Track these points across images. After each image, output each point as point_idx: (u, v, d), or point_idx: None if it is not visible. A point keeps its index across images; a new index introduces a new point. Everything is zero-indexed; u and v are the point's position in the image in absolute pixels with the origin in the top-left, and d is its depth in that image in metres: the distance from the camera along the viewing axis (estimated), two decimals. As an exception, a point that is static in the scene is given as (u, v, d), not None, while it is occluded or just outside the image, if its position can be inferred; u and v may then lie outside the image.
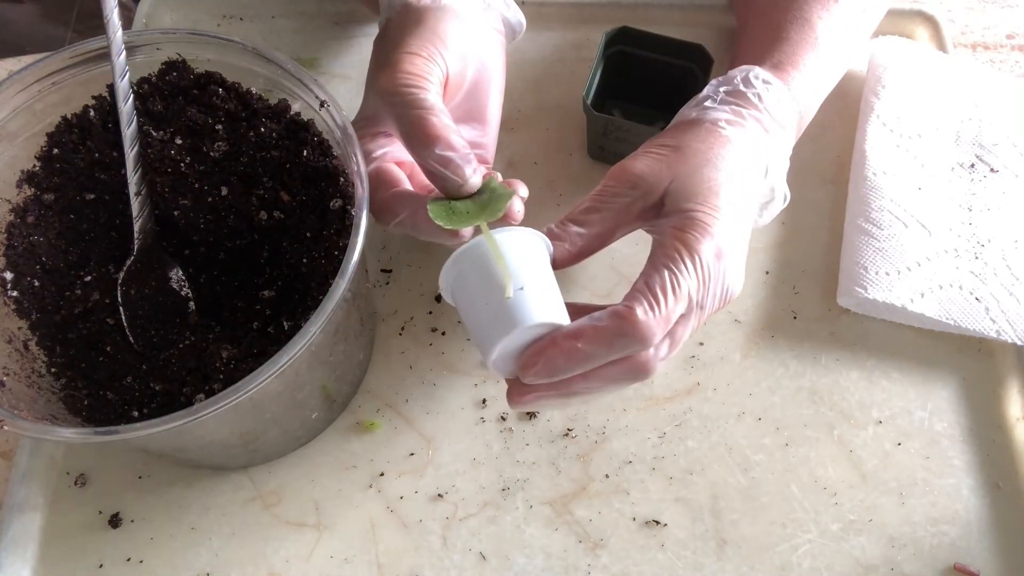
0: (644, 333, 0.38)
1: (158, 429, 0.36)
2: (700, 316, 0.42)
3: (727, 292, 0.43)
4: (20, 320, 0.45)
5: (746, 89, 0.47)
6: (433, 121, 0.41)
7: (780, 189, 0.47)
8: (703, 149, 0.44)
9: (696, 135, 0.45)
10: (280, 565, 0.47)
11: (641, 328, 0.38)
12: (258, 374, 0.36)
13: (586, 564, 0.47)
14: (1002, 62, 0.69)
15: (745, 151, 0.45)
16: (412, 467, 0.50)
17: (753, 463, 0.51)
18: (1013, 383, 0.53)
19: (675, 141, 0.45)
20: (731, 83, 0.48)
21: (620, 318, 0.38)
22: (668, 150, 0.45)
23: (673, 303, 0.39)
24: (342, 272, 0.39)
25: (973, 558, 0.48)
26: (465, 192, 0.42)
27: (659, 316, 0.39)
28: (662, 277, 0.40)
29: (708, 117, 0.46)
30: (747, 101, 0.47)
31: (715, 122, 0.46)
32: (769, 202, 0.48)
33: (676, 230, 0.41)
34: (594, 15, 0.68)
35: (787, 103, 0.48)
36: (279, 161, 0.46)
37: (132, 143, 0.44)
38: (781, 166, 0.48)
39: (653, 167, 0.44)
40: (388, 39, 0.46)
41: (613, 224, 0.44)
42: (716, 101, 0.47)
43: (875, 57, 0.63)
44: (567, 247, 0.43)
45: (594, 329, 0.38)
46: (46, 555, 0.48)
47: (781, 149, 0.48)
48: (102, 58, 0.45)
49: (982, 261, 0.54)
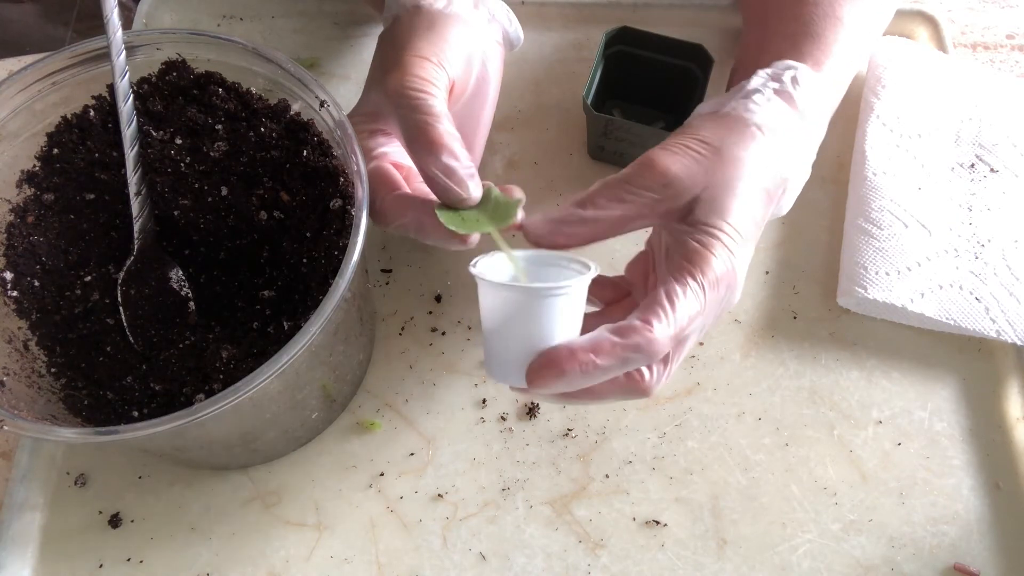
0: (658, 350, 0.38)
1: (158, 429, 0.36)
2: (702, 334, 0.43)
3: (729, 308, 0.43)
4: (20, 320, 0.45)
5: (793, 90, 0.46)
6: (440, 129, 0.41)
7: (801, 180, 0.47)
8: (744, 158, 0.42)
9: (740, 139, 0.43)
10: (280, 565, 0.47)
11: (657, 345, 0.37)
12: (258, 374, 0.36)
13: (586, 564, 0.47)
14: (1002, 62, 0.69)
15: (781, 161, 0.44)
16: (412, 467, 0.50)
17: (753, 463, 0.51)
18: (1013, 383, 0.53)
19: (717, 140, 0.43)
20: (780, 80, 0.46)
21: (637, 333, 0.37)
22: (708, 151, 0.42)
23: (685, 324, 0.39)
24: (342, 272, 0.39)
25: (973, 558, 0.48)
26: (467, 205, 0.41)
27: (671, 335, 0.38)
28: (683, 296, 0.39)
29: (755, 120, 0.44)
30: (793, 102, 0.45)
31: (761, 127, 0.44)
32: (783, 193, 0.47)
33: (701, 247, 0.40)
34: (594, 15, 0.68)
35: (823, 99, 0.47)
36: (279, 161, 0.46)
37: (132, 143, 0.44)
38: (809, 161, 0.47)
39: (690, 169, 0.42)
40: (397, 39, 0.46)
41: (634, 216, 0.42)
42: (766, 98, 0.45)
43: (875, 57, 0.63)
44: (582, 231, 0.42)
45: (612, 344, 0.37)
46: (46, 555, 0.48)
47: (813, 147, 0.47)
48: (102, 58, 0.45)
49: (982, 261, 0.54)
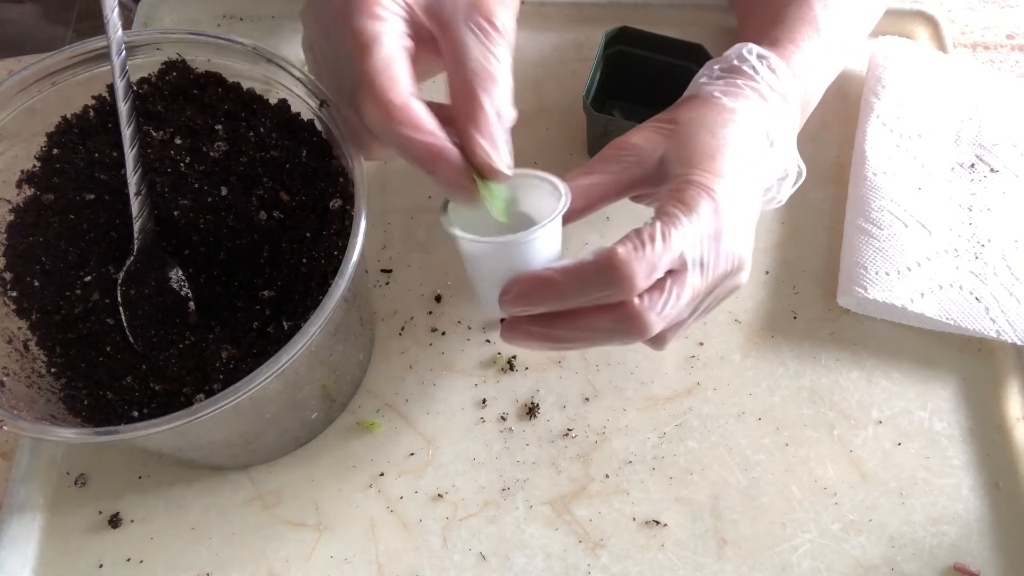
0: (623, 272, 0.37)
1: (158, 429, 0.36)
2: (704, 277, 0.40)
3: (733, 256, 0.41)
4: (20, 320, 0.45)
5: (740, 63, 0.47)
6: (506, 88, 0.37)
7: (793, 162, 0.47)
8: (697, 118, 0.44)
9: (691, 107, 0.45)
10: (280, 565, 0.47)
11: (620, 265, 0.37)
12: (258, 374, 0.36)
13: (586, 564, 0.47)
14: (1002, 62, 0.69)
15: (743, 118, 0.45)
16: (412, 467, 0.50)
17: (753, 463, 0.51)
18: (1013, 383, 0.53)
19: (671, 115, 0.45)
20: (726, 61, 0.48)
21: (600, 255, 0.37)
22: (664, 123, 0.45)
23: (661, 249, 0.38)
24: (341, 272, 0.39)
25: (973, 558, 0.48)
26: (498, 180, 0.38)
27: (641, 258, 0.37)
28: (652, 226, 0.39)
29: (703, 91, 0.46)
30: (743, 74, 0.47)
31: (710, 94, 0.46)
32: (784, 178, 0.48)
33: (672, 191, 0.41)
34: (594, 15, 0.68)
35: (786, 75, 0.47)
36: (279, 161, 0.46)
37: (132, 143, 0.44)
38: (788, 138, 0.47)
39: (649, 137, 0.44)
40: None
41: (610, 187, 0.43)
42: (711, 77, 0.47)
43: (875, 57, 0.63)
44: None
45: (574, 264, 0.38)
46: (46, 555, 0.48)
47: (785, 119, 0.47)
48: (102, 58, 0.45)
49: (982, 261, 0.54)
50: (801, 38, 0.50)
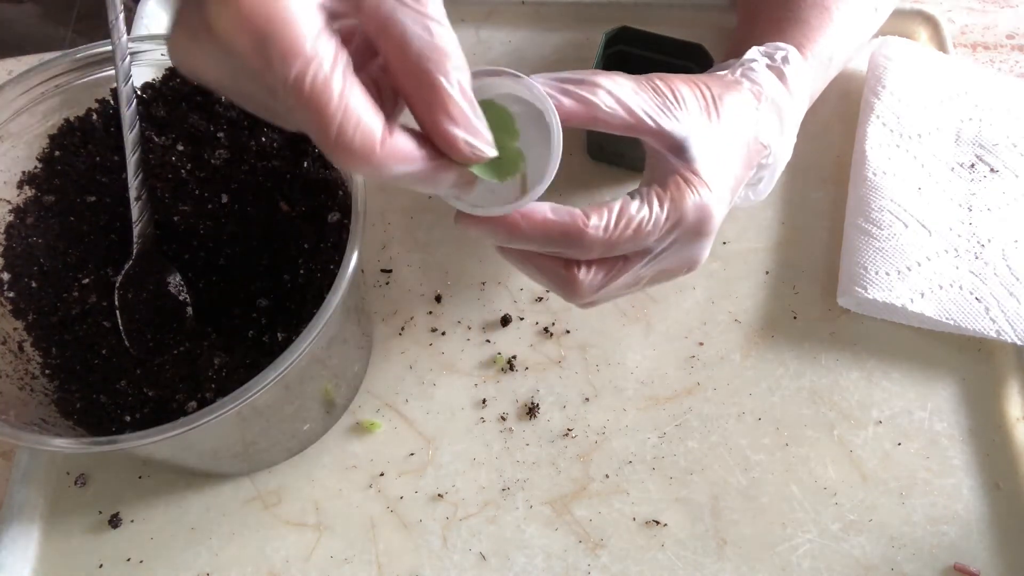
0: (584, 243, 0.37)
1: (145, 441, 0.35)
2: (653, 269, 0.41)
3: (691, 262, 0.42)
4: (16, 321, 0.45)
5: (784, 67, 0.47)
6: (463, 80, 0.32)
7: (783, 159, 0.47)
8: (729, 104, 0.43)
9: (728, 90, 0.44)
10: (280, 565, 0.48)
11: (584, 238, 0.37)
12: (249, 387, 0.36)
13: (586, 564, 0.48)
14: (1002, 62, 0.69)
15: (764, 124, 0.45)
16: (412, 467, 0.50)
17: (753, 463, 0.51)
18: (1013, 383, 0.53)
19: (709, 86, 0.43)
20: (772, 58, 0.48)
21: (571, 224, 0.37)
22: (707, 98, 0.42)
23: (629, 237, 0.38)
24: (335, 289, 0.38)
25: (973, 558, 0.48)
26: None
27: (608, 239, 0.37)
28: (631, 212, 0.38)
29: (747, 82, 0.46)
30: (784, 79, 0.47)
31: (751, 89, 0.45)
32: (766, 170, 0.47)
33: (673, 183, 0.39)
34: (594, 15, 0.68)
35: (806, 87, 0.49)
36: (279, 171, 0.46)
37: (134, 148, 0.44)
38: (790, 138, 0.48)
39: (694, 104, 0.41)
40: None
41: (617, 123, 0.40)
42: (757, 70, 0.47)
43: (875, 57, 0.63)
44: (581, 109, 0.40)
45: (543, 216, 0.37)
46: (46, 555, 0.48)
47: (793, 127, 0.48)
48: (106, 62, 0.45)
49: (982, 261, 0.54)
50: (816, 41, 0.51)
